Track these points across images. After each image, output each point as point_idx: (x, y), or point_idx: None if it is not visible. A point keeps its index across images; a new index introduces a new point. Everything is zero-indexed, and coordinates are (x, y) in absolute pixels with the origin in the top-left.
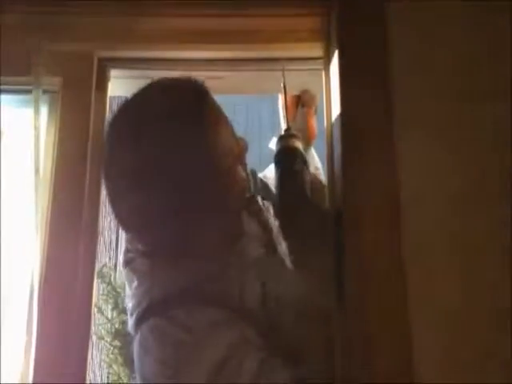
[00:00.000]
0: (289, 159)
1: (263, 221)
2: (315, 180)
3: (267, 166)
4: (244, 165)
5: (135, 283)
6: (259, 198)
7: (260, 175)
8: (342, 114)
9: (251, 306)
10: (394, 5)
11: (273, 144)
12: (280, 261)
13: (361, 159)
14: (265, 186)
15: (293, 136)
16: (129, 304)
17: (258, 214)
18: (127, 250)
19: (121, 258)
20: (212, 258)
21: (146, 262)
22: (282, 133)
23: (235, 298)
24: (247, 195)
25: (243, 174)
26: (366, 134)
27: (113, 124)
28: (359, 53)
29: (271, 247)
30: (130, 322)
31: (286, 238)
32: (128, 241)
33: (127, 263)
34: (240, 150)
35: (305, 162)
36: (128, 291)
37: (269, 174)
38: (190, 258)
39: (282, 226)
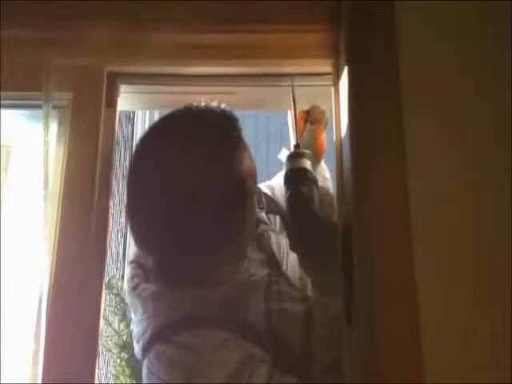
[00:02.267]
0: (297, 181)
1: (264, 243)
2: (324, 195)
3: (275, 177)
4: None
5: (140, 310)
6: (263, 214)
7: (265, 184)
8: (352, 130)
9: (255, 323)
10: (405, 19)
11: (282, 155)
12: (284, 279)
13: (370, 174)
14: (269, 199)
15: (301, 155)
16: (134, 330)
17: (259, 237)
18: (132, 276)
19: (125, 284)
20: (216, 284)
21: (149, 287)
22: (292, 151)
23: (238, 318)
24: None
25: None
26: (376, 149)
27: (140, 152)
28: (369, 69)
29: (274, 268)
30: (137, 348)
31: (299, 257)
32: (133, 265)
33: (132, 289)
34: (255, 174)
35: (314, 181)
36: (133, 317)
37: (274, 183)
38: (194, 284)
39: (294, 247)
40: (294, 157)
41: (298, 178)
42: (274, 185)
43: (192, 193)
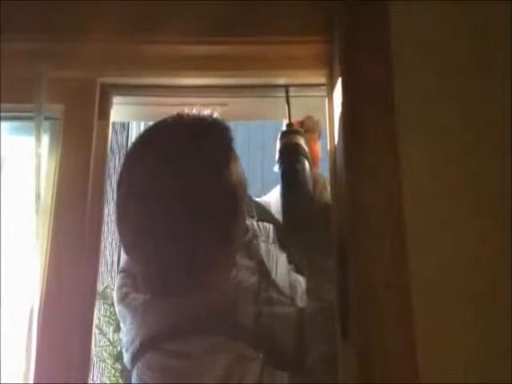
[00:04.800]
0: (290, 157)
1: (253, 250)
2: (317, 175)
3: (269, 188)
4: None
5: (128, 320)
6: (254, 222)
7: (261, 200)
8: (345, 140)
9: (245, 324)
10: (399, 31)
11: (277, 168)
12: (273, 286)
13: (365, 183)
14: (261, 207)
15: (294, 132)
16: (123, 339)
17: (248, 244)
18: (121, 285)
19: (114, 293)
20: (206, 292)
21: (139, 297)
22: (284, 128)
23: (229, 322)
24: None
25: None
26: (370, 159)
27: (129, 161)
28: (362, 80)
29: (263, 275)
30: (126, 357)
31: (292, 236)
32: (122, 275)
33: (121, 299)
34: (245, 184)
35: (307, 158)
36: (122, 326)
37: (269, 198)
38: (183, 292)
39: (288, 226)
40: (287, 134)
41: (291, 153)
42: (269, 200)
43: (182, 203)
